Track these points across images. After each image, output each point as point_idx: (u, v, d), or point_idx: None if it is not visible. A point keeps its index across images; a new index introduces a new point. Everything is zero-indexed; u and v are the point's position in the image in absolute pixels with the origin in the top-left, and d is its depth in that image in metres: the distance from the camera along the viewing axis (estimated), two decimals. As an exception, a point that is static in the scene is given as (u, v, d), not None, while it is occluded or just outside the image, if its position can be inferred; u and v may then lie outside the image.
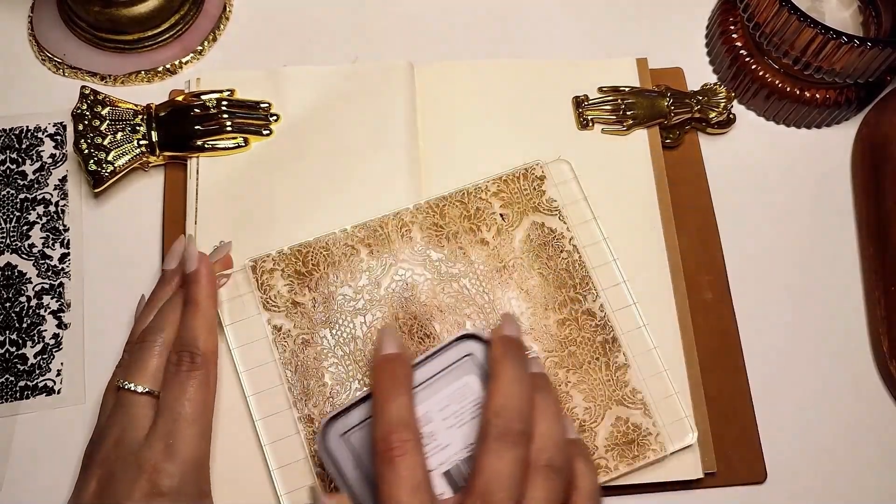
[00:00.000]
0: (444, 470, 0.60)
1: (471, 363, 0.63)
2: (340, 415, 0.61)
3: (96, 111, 0.76)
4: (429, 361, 0.63)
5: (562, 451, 0.58)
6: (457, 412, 0.61)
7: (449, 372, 0.63)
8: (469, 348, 0.63)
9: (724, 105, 0.80)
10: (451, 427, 0.61)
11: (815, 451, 0.72)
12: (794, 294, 0.77)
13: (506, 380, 0.58)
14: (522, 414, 0.57)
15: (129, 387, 0.63)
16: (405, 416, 0.57)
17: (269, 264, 0.71)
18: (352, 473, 0.60)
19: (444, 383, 0.62)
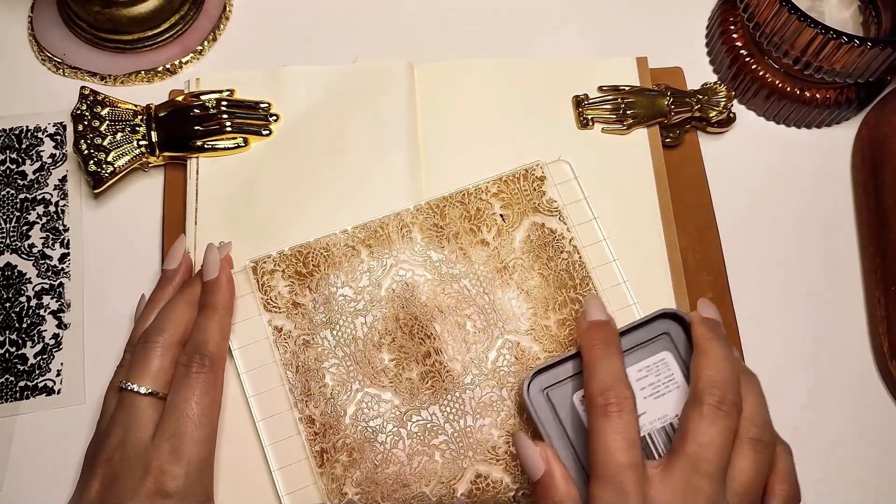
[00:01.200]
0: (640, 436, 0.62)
1: (668, 341, 0.66)
2: (544, 370, 0.64)
3: (96, 111, 0.76)
4: (629, 333, 0.66)
5: (768, 429, 0.61)
6: (653, 384, 0.65)
7: (647, 345, 0.66)
8: (666, 326, 0.67)
9: (724, 104, 0.80)
10: (647, 397, 0.65)
11: (815, 450, 0.73)
12: (793, 294, 0.78)
13: (717, 356, 0.62)
14: (735, 387, 0.60)
15: (132, 387, 0.63)
16: (622, 375, 0.61)
17: (269, 265, 0.72)
18: (551, 427, 0.63)
19: (641, 356, 0.66)
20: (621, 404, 0.58)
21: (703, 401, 0.59)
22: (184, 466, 0.61)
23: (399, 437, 0.68)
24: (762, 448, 0.59)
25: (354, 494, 0.66)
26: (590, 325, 0.64)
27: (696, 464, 0.57)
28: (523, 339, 0.70)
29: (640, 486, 0.56)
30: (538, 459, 0.60)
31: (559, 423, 0.63)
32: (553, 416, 0.64)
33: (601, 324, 0.64)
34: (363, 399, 0.69)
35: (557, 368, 0.65)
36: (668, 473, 0.58)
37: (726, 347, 0.62)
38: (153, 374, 0.64)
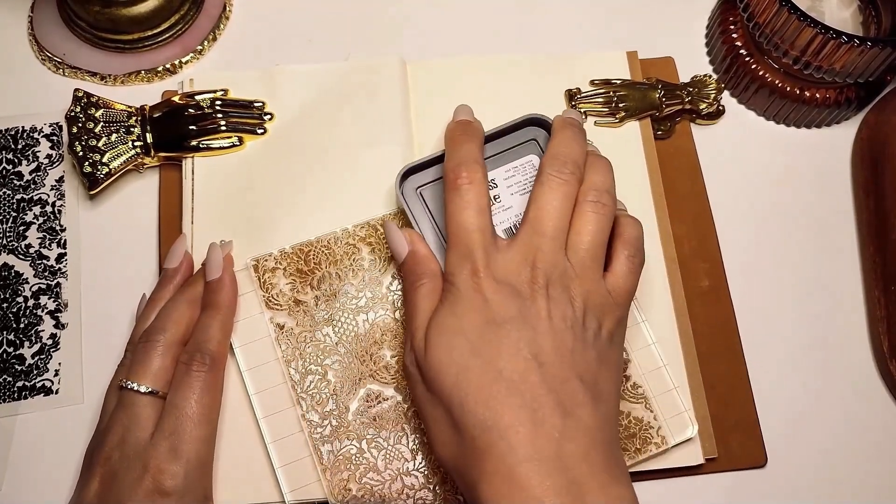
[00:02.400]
0: (506, 227, 0.71)
1: (535, 145, 0.74)
2: (417, 169, 0.72)
3: (90, 113, 0.77)
4: (498, 138, 0.74)
5: (608, 194, 0.66)
6: (520, 182, 0.72)
7: (516, 149, 0.74)
8: (534, 133, 0.74)
9: (713, 96, 0.82)
10: (514, 193, 0.72)
11: (814, 450, 0.74)
12: (793, 294, 0.79)
13: (563, 137, 0.68)
14: (576, 160, 0.66)
15: (133, 386, 0.64)
16: (474, 155, 0.67)
17: (270, 263, 0.72)
18: (421, 218, 0.72)
19: (509, 158, 0.73)
20: (471, 177, 0.65)
21: (543, 171, 0.66)
22: (182, 465, 0.62)
23: (402, 432, 0.68)
24: (600, 209, 0.65)
25: (358, 491, 0.67)
26: (455, 123, 0.71)
27: (534, 226, 0.63)
28: None
29: (485, 246, 0.63)
30: (403, 241, 0.69)
31: (430, 217, 0.72)
32: (425, 211, 0.72)
33: (465, 122, 0.71)
34: (365, 395, 0.69)
35: (430, 168, 0.73)
36: (514, 240, 0.64)
37: (575, 131, 0.69)
38: (153, 373, 0.65)
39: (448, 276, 0.63)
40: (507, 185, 0.71)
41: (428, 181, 0.73)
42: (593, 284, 0.63)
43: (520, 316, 0.60)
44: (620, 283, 0.64)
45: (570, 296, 0.61)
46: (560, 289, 0.61)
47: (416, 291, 0.65)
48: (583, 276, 0.62)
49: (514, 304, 0.60)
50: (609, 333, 0.63)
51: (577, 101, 0.81)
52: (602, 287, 0.63)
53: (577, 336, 0.60)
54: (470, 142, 0.68)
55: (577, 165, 0.66)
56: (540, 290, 0.61)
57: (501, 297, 0.60)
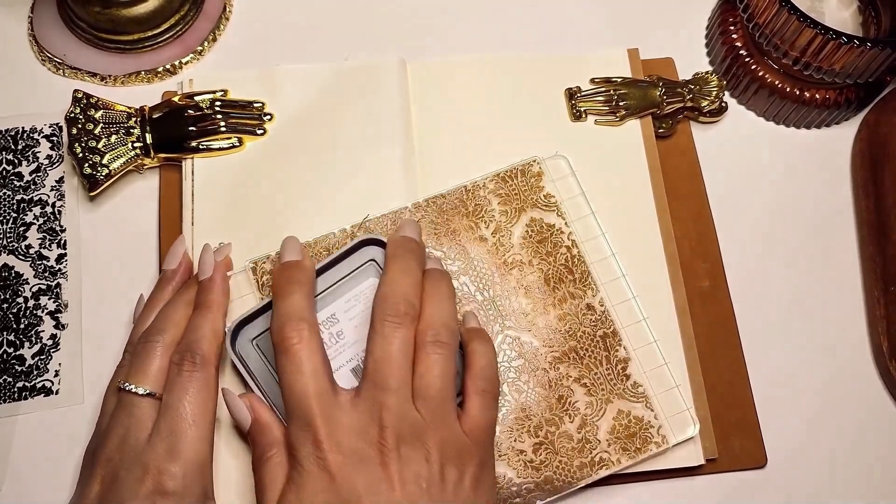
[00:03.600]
0: (353, 366, 0.67)
1: (374, 267, 0.70)
2: (249, 320, 0.68)
3: (89, 114, 0.77)
4: (333, 267, 0.70)
5: (447, 328, 0.63)
6: (361, 312, 0.69)
7: (353, 276, 0.70)
8: (373, 254, 0.71)
9: (715, 93, 0.82)
10: (357, 326, 0.68)
11: (814, 450, 0.74)
12: (793, 294, 0.79)
13: (394, 271, 0.66)
14: (406, 297, 0.64)
15: (132, 388, 0.64)
16: (298, 309, 0.63)
17: (268, 265, 0.73)
18: (263, 376, 0.67)
19: (349, 286, 0.70)
20: (299, 335, 0.62)
21: (375, 318, 0.63)
22: (181, 465, 0.62)
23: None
24: (441, 349, 0.62)
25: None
26: (280, 267, 0.67)
27: (376, 381, 0.61)
28: (523, 335, 0.72)
29: (325, 411, 0.60)
30: (244, 409, 0.65)
31: (271, 372, 0.68)
32: (265, 364, 0.68)
33: (290, 264, 0.67)
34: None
35: (261, 317, 0.69)
36: (357, 396, 0.61)
37: (407, 260, 0.66)
38: (152, 375, 0.65)
39: (291, 451, 0.61)
40: (350, 318, 0.69)
41: (263, 330, 0.69)
42: (447, 431, 0.61)
43: (372, 492, 0.58)
44: (477, 422, 0.63)
45: (425, 450, 0.60)
46: (412, 445, 0.60)
47: (264, 466, 0.63)
48: (435, 423, 0.61)
49: (363, 476, 0.59)
50: (473, 480, 0.61)
51: (578, 100, 0.81)
52: (457, 431, 0.62)
53: (436, 497, 0.59)
54: (294, 292, 0.65)
55: (410, 304, 0.63)
56: (390, 452, 0.59)
57: (348, 470, 0.59)
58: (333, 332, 0.68)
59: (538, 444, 0.69)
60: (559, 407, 0.70)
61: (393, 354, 0.61)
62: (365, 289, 0.69)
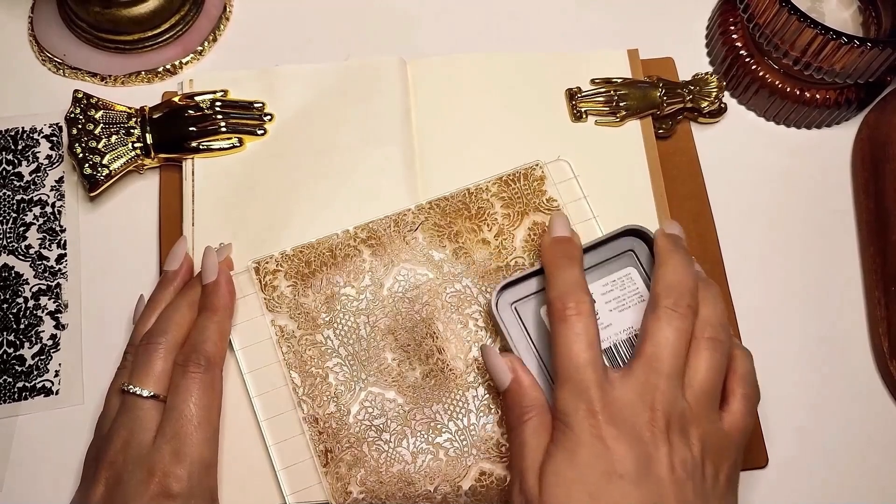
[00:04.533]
0: (605, 346, 0.68)
1: (633, 257, 0.71)
2: (511, 284, 0.70)
3: (90, 115, 0.77)
4: (594, 249, 0.71)
5: (724, 330, 0.64)
6: (618, 297, 0.70)
7: (613, 261, 0.71)
8: (630, 244, 0.72)
9: (715, 94, 0.82)
10: (612, 310, 0.69)
11: (815, 450, 0.74)
12: (793, 294, 0.79)
13: (675, 264, 0.66)
14: (691, 291, 0.64)
15: (135, 390, 0.65)
16: (579, 281, 0.65)
17: (271, 265, 0.73)
18: (518, 339, 0.67)
19: (607, 270, 0.71)
20: (579, 308, 0.62)
21: (658, 304, 0.63)
22: (186, 468, 0.62)
23: (403, 435, 0.69)
24: (717, 346, 0.63)
25: (359, 493, 0.68)
26: (553, 241, 0.68)
27: (652, 363, 0.61)
28: None
29: (600, 383, 0.60)
30: (506, 370, 0.65)
31: (527, 336, 0.68)
32: (521, 329, 0.69)
33: (564, 239, 0.68)
34: (367, 398, 0.70)
35: (524, 283, 0.70)
36: (628, 374, 0.61)
37: (685, 257, 0.66)
38: (156, 377, 0.65)
39: (561, 416, 0.60)
40: (606, 301, 0.69)
41: (524, 296, 0.70)
42: (711, 426, 0.61)
43: (643, 468, 0.58)
44: (738, 424, 0.63)
45: (688, 440, 0.60)
46: (679, 432, 0.60)
47: (524, 427, 0.63)
48: (700, 417, 0.61)
49: (635, 452, 0.58)
50: (727, 479, 0.62)
51: (578, 100, 0.82)
52: (720, 428, 0.62)
53: (698, 487, 0.59)
54: (572, 265, 0.66)
55: (694, 297, 0.64)
56: (661, 434, 0.59)
57: (622, 444, 0.58)
58: None
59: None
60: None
61: (672, 341, 0.61)
62: (622, 276, 0.70)
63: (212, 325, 0.68)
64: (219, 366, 0.68)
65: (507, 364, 0.66)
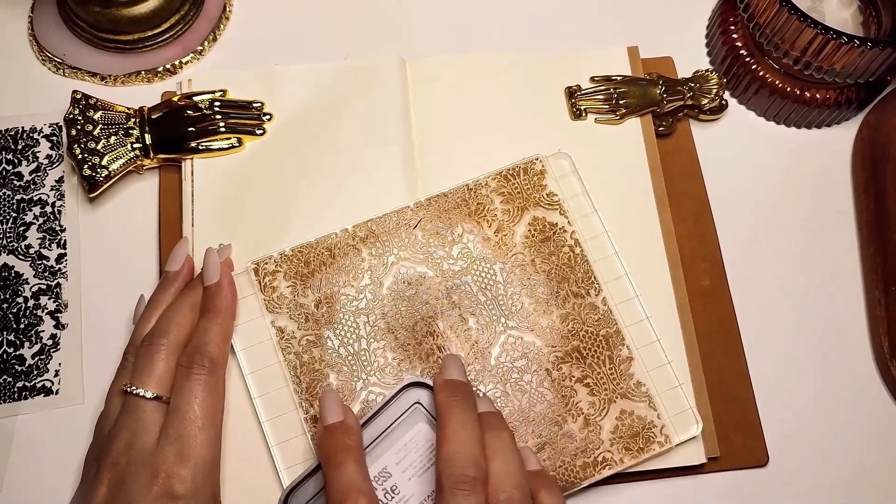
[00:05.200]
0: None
1: (420, 411, 0.67)
2: (298, 485, 0.64)
3: (88, 115, 0.78)
4: (378, 416, 0.66)
5: (519, 488, 0.60)
6: (414, 462, 0.65)
7: (400, 423, 0.66)
8: (417, 396, 0.67)
9: (715, 91, 0.82)
10: (410, 478, 0.65)
11: (814, 450, 0.74)
12: (793, 294, 0.80)
13: (452, 426, 0.61)
14: (473, 459, 0.60)
15: (138, 391, 0.65)
16: (354, 481, 0.60)
17: (271, 266, 0.73)
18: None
19: (397, 435, 0.66)
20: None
21: (443, 485, 0.59)
22: (190, 469, 0.62)
23: (404, 434, 0.69)
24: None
25: (361, 492, 0.68)
26: (324, 431, 0.64)
27: None
28: (526, 335, 0.72)
29: None
30: None
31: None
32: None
33: (334, 427, 0.64)
34: (367, 397, 0.70)
35: (310, 481, 0.65)
36: None
37: (463, 411, 0.63)
38: (157, 378, 0.65)
39: None
40: (402, 470, 0.65)
41: (313, 495, 0.65)
42: None
43: None
44: None
45: None
46: None
47: None
48: None
49: None
50: None
51: (578, 98, 0.82)
52: None
53: None
54: (345, 461, 0.61)
55: (479, 466, 0.60)
56: None
57: None
58: (388, 487, 0.64)
59: (541, 444, 0.69)
60: (562, 407, 0.70)
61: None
62: (414, 436, 0.66)
63: (215, 326, 0.68)
64: (222, 367, 0.68)
65: None
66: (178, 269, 0.72)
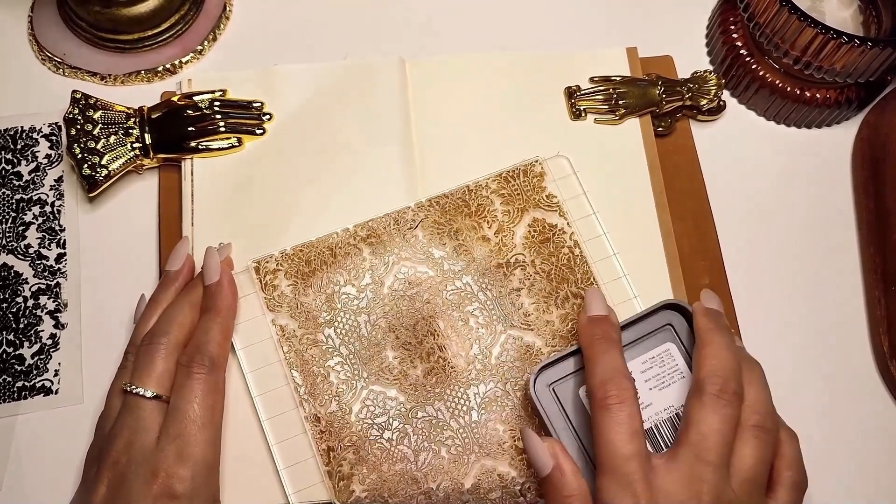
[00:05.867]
0: (646, 427, 0.65)
1: (671, 332, 0.69)
2: (549, 365, 0.67)
3: (88, 115, 0.78)
4: (632, 326, 0.69)
5: (771, 416, 0.63)
6: (658, 375, 0.68)
7: (651, 337, 0.69)
8: (669, 318, 0.70)
9: (714, 92, 0.82)
10: (652, 388, 0.67)
11: (814, 450, 0.72)
12: (793, 294, 0.80)
13: (718, 346, 0.64)
14: (737, 376, 0.63)
15: (138, 391, 0.65)
16: (620, 367, 0.63)
17: (272, 265, 0.73)
18: (557, 421, 0.66)
19: (645, 347, 0.69)
20: (621, 396, 0.61)
21: (704, 390, 0.61)
22: (190, 468, 0.63)
23: (405, 433, 0.70)
24: (764, 435, 0.62)
25: (361, 492, 0.68)
26: (589, 320, 0.66)
27: (699, 452, 0.59)
28: (526, 335, 0.72)
29: (645, 475, 0.58)
30: (546, 455, 0.62)
31: (566, 418, 0.66)
32: (560, 410, 0.66)
33: (600, 318, 0.66)
34: (368, 396, 0.70)
35: (562, 363, 0.67)
36: (673, 463, 0.60)
37: (728, 337, 0.65)
38: (157, 377, 0.66)
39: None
40: (645, 380, 0.67)
41: (562, 376, 0.67)
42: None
43: None
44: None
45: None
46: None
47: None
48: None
49: None
50: None
51: (577, 99, 0.82)
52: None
53: None
54: (612, 349, 0.64)
55: (738, 382, 0.62)
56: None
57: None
58: None
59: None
60: (563, 406, 0.71)
61: (720, 430, 0.60)
62: (661, 352, 0.68)
63: (215, 325, 0.68)
64: (223, 367, 0.68)
65: (549, 449, 0.62)
66: (178, 269, 0.72)
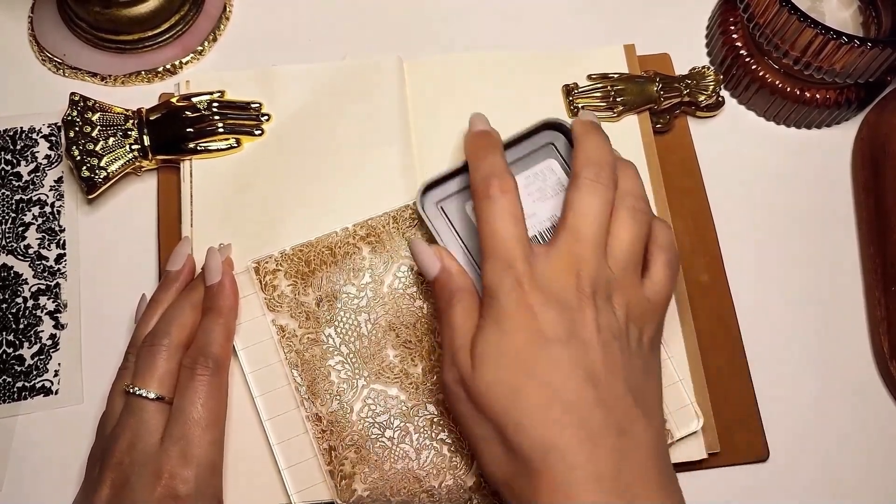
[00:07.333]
0: (530, 235, 0.67)
1: (552, 149, 0.74)
2: (437, 183, 0.73)
3: (87, 117, 0.78)
4: (514, 145, 0.73)
5: (643, 200, 0.67)
6: (541, 188, 0.73)
7: (533, 155, 0.74)
8: (551, 137, 0.74)
9: (712, 88, 0.83)
10: (535, 200, 0.72)
11: (814, 450, 0.75)
12: (793, 294, 0.80)
13: (594, 143, 0.68)
14: (610, 165, 0.66)
15: (140, 392, 0.65)
16: (503, 165, 0.67)
17: (271, 265, 0.74)
18: (445, 234, 0.72)
19: (528, 163, 0.74)
20: (503, 187, 0.64)
21: (580, 176, 0.65)
22: (193, 470, 0.63)
23: (406, 432, 0.70)
24: (638, 216, 0.65)
25: (363, 491, 0.68)
26: (474, 134, 0.71)
27: (575, 233, 0.63)
28: None
29: (526, 255, 0.62)
30: (433, 258, 0.68)
31: (454, 231, 0.72)
32: (448, 226, 0.72)
33: (482, 132, 0.71)
34: (369, 395, 0.71)
35: (449, 182, 0.73)
36: (552, 246, 0.63)
37: (603, 137, 0.69)
38: (159, 378, 0.66)
39: (488, 290, 0.62)
40: (528, 193, 0.71)
41: (448, 194, 0.73)
42: (633, 291, 0.64)
43: (570, 331, 0.60)
44: (658, 289, 0.65)
45: (612, 305, 0.62)
46: (604, 298, 0.62)
47: (453, 309, 0.64)
48: (624, 283, 0.63)
49: (562, 317, 0.60)
50: (650, 341, 0.64)
51: (575, 96, 0.83)
52: (641, 294, 0.64)
53: (624, 348, 0.61)
54: (493, 153, 0.67)
55: (613, 171, 0.66)
56: (587, 299, 0.61)
57: (549, 310, 0.60)
58: None
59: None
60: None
61: (595, 210, 0.64)
62: (543, 168, 0.73)
63: (217, 326, 0.69)
64: (226, 368, 0.69)
65: (435, 253, 0.68)
66: (179, 269, 0.73)
